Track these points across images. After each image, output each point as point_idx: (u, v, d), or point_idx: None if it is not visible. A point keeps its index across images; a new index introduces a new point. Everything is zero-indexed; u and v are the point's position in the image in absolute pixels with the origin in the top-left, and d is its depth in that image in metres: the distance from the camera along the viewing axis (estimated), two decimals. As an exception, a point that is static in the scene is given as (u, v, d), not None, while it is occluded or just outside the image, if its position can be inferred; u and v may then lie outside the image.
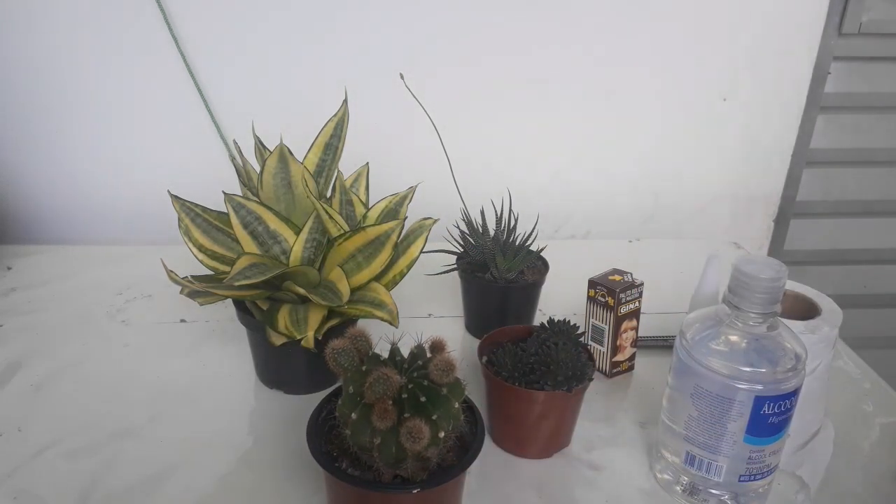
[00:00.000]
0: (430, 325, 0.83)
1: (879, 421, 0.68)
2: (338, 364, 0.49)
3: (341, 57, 0.99)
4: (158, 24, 0.94)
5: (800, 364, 0.51)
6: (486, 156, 1.06)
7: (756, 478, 0.54)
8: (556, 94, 1.04)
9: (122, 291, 0.89)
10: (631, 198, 1.13)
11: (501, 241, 0.77)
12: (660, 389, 0.61)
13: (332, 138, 0.69)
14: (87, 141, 1.01)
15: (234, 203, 0.63)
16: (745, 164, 1.13)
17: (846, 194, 1.18)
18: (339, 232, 0.62)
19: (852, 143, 1.15)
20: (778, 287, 0.49)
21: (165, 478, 0.58)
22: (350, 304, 0.63)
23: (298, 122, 0.75)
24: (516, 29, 1.00)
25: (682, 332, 0.55)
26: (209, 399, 0.68)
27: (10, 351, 0.75)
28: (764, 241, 1.20)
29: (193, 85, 0.98)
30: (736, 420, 0.51)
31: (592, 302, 0.71)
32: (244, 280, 0.56)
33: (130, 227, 1.06)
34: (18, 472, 0.58)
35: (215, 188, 0.68)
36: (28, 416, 0.65)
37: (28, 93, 0.98)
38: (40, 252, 0.99)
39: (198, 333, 0.80)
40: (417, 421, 0.45)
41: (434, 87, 0.82)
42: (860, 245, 1.22)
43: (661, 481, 0.58)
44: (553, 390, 0.58)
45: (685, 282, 0.75)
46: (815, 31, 1.04)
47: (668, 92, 1.06)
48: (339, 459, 0.51)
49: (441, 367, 0.47)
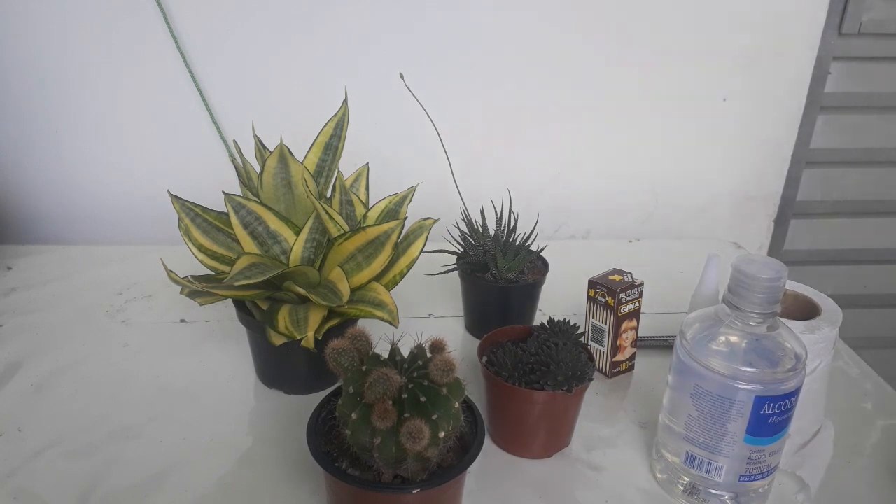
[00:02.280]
0: (430, 325, 0.83)
1: (879, 421, 0.68)
2: (338, 364, 0.49)
3: (341, 57, 0.99)
4: (158, 24, 0.94)
5: (800, 364, 0.51)
6: (486, 156, 1.06)
7: (756, 478, 0.54)
8: (557, 95, 1.04)
9: (122, 291, 0.89)
10: (631, 198, 1.13)
11: (501, 241, 0.77)
12: (660, 389, 0.61)
13: (332, 138, 0.69)
14: (87, 141, 1.01)
15: (234, 203, 0.63)
16: (745, 164, 1.13)
17: (846, 194, 1.18)
18: (339, 232, 0.62)
19: (852, 143, 1.15)
20: (778, 287, 0.49)
21: (165, 478, 0.58)
22: (350, 304, 0.63)
23: (298, 122, 0.75)
24: (516, 29, 1.00)
25: (682, 332, 0.55)
26: (209, 399, 0.68)
27: (10, 351, 0.75)
28: (764, 241, 1.20)
29: (193, 85, 0.98)
30: (736, 420, 0.51)
31: (592, 302, 0.71)
32: (244, 280, 0.56)
33: (130, 227, 1.06)
34: (18, 472, 0.58)
35: (215, 188, 0.68)
36: (28, 416, 0.65)
37: (28, 93, 0.98)
38: (40, 252, 0.99)
39: (198, 333, 0.80)
40: (417, 421, 0.45)
41: (434, 87, 0.82)
42: (860, 245, 1.22)
43: (660, 481, 0.58)
44: (553, 390, 0.58)
45: (685, 282, 0.75)
46: (815, 31, 1.04)
47: (668, 92, 1.06)
48: (339, 459, 0.51)
49: (441, 367, 0.47)
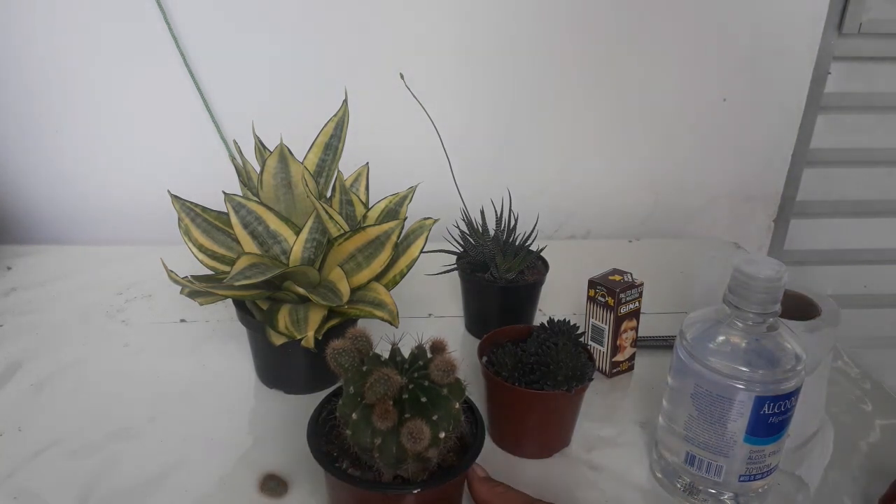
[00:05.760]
0: (431, 326, 0.83)
1: (879, 421, 0.68)
2: (338, 364, 0.49)
3: (341, 57, 0.99)
4: (158, 24, 0.94)
5: (799, 364, 0.51)
6: (486, 156, 1.07)
7: (756, 478, 0.54)
8: (557, 94, 1.04)
9: (122, 291, 0.89)
10: (631, 198, 1.13)
11: (501, 241, 0.77)
12: (660, 389, 0.61)
13: (332, 138, 0.69)
14: (87, 141, 1.01)
15: (234, 203, 0.63)
16: (745, 164, 1.13)
17: (846, 194, 1.18)
18: (339, 232, 0.62)
19: (852, 143, 1.15)
20: (778, 287, 0.49)
21: (165, 478, 0.58)
22: (350, 304, 0.63)
23: (298, 122, 0.75)
24: (517, 29, 1.00)
25: (682, 332, 0.55)
26: (209, 399, 0.68)
27: (10, 351, 0.75)
28: (764, 241, 1.20)
29: (193, 85, 0.98)
30: (736, 420, 0.51)
31: (592, 302, 0.71)
32: (244, 280, 0.56)
33: (130, 227, 1.06)
34: (18, 472, 0.58)
35: (215, 188, 0.68)
36: (28, 416, 0.65)
37: (28, 93, 0.98)
38: (40, 252, 0.99)
39: (198, 333, 0.80)
40: (418, 421, 0.45)
41: (434, 87, 0.82)
42: (860, 245, 1.22)
43: (661, 481, 0.58)
44: (553, 390, 0.58)
45: (685, 282, 0.75)
46: (815, 31, 1.04)
47: (668, 92, 1.06)
48: (340, 459, 0.51)
49: (442, 367, 0.47)
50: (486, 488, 0.52)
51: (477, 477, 0.52)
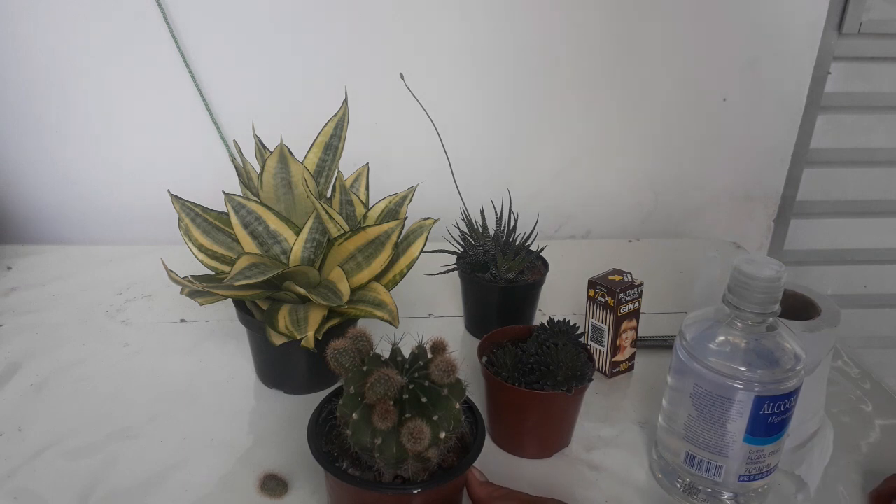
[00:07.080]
0: (431, 326, 0.83)
1: (879, 421, 0.68)
2: (339, 364, 0.49)
3: (341, 57, 0.99)
4: (158, 24, 0.94)
5: (799, 364, 0.51)
6: (485, 156, 1.07)
7: (756, 478, 0.54)
8: (557, 94, 1.05)
9: (122, 291, 0.89)
10: (631, 198, 1.13)
11: (501, 241, 0.77)
12: (660, 389, 0.61)
13: (332, 138, 0.69)
14: (87, 141, 1.01)
15: (234, 203, 0.63)
16: (745, 164, 1.13)
17: (846, 194, 1.18)
18: (339, 232, 0.62)
19: (852, 143, 1.15)
20: (777, 287, 0.50)
21: (165, 478, 0.58)
22: (350, 304, 0.63)
23: (298, 122, 0.75)
24: (517, 29, 1.00)
25: (682, 333, 0.55)
26: (209, 399, 0.68)
27: (10, 351, 0.75)
28: (764, 241, 1.20)
29: (193, 85, 0.98)
30: (736, 420, 0.51)
31: (592, 302, 0.71)
32: (244, 280, 0.56)
33: (130, 227, 1.06)
34: (18, 472, 0.58)
35: (215, 188, 0.68)
36: (28, 416, 0.65)
37: (28, 93, 0.98)
38: (40, 252, 0.99)
39: (198, 333, 0.80)
40: (418, 421, 0.45)
41: (434, 87, 0.82)
42: (860, 245, 1.22)
43: (660, 481, 0.58)
44: (553, 390, 0.58)
45: (685, 282, 0.75)
46: (815, 31, 1.04)
47: (668, 92, 1.06)
48: (340, 459, 0.51)
49: (442, 367, 0.47)
50: (485, 492, 0.52)
51: (476, 481, 0.52)
